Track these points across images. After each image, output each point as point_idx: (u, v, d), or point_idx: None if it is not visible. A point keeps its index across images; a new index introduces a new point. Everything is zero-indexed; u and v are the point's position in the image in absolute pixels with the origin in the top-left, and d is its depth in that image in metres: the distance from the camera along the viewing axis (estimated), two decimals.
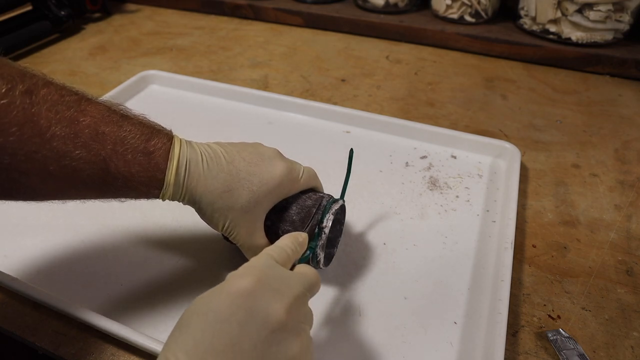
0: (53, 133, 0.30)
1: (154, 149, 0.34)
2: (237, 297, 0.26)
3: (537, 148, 0.62)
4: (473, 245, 0.47)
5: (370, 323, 0.40)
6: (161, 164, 0.34)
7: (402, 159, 0.59)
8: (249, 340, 0.25)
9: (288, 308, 0.27)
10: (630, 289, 0.44)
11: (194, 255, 0.46)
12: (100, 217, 0.50)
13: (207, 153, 0.36)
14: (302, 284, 0.30)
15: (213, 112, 0.68)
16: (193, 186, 0.35)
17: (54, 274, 0.44)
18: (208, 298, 0.27)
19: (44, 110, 0.30)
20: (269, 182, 0.37)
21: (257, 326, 0.26)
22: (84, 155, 0.31)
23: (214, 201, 0.36)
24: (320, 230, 0.38)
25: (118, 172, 0.32)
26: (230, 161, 0.37)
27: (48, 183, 0.31)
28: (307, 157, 0.47)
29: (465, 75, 0.79)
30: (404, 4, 0.93)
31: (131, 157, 0.33)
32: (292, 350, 0.26)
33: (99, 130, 0.32)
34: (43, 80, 0.31)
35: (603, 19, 0.75)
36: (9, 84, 0.28)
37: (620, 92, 0.74)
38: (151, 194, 0.35)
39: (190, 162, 0.35)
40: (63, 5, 0.91)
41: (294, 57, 0.86)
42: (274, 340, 0.26)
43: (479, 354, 0.38)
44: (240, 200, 0.36)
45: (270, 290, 0.27)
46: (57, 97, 0.31)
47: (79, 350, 0.38)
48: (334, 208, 0.40)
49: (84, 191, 0.33)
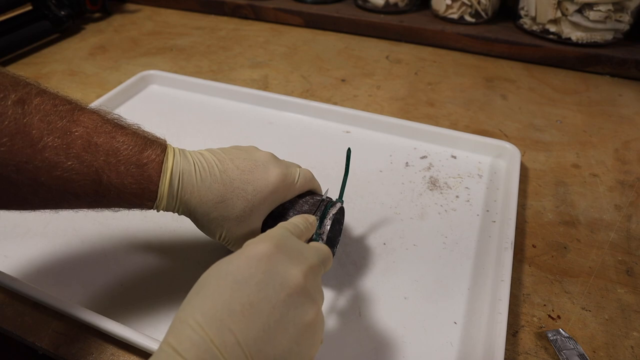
0: (45, 144, 0.29)
1: (147, 161, 0.34)
2: (256, 260, 0.27)
3: (537, 148, 0.62)
4: (473, 245, 0.47)
5: (370, 323, 0.40)
6: (154, 176, 0.34)
7: (402, 159, 0.59)
8: (267, 301, 0.25)
9: (305, 274, 0.27)
10: (630, 289, 0.44)
11: (194, 255, 0.46)
12: (100, 218, 0.50)
13: (200, 163, 0.36)
14: (318, 256, 0.30)
15: (213, 112, 0.68)
16: (187, 198, 0.35)
17: (54, 274, 0.44)
18: (226, 262, 0.27)
19: (36, 121, 0.29)
20: (264, 190, 0.37)
21: (275, 288, 0.26)
22: (76, 166, 0.31)
23: (208, 212, 0.36)
24: (318, 237, 0.38)
25: (111, 184, 0.32)
26: (224, 170, 0.36)
27: (39, 194, 0.31)
28: (307, 157, 0.47)
29: (465, 75, 0.79)
30: (404, 4, 0.93)
31: (124, 169, 0.32)
32: (309, 315, 0.27)
33: (92, 141, 0.31)
34: (36, 89, 0.31)
35: (603, 19, 0.75)
36: (1, 93, 0.28)
37: (620, 92, 0.74)
38: (144, 206, 0.35)
39: (183, 174, 0.35)
40: (63, 5, 0.91)
41: (294, 57, 0.86)
42: (292, 303, 0.26)
43: (479, 354, 0.38)
44: (235, 210, 0.36)
45: (289, 256, 0.28)
46: (50, 107, 0.30)
47: (79, 350, 0.38)
48: (332, 212, 0.39)
49: (76, 202, 0.33)
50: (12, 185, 0.30)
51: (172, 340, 0.24)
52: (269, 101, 0.68)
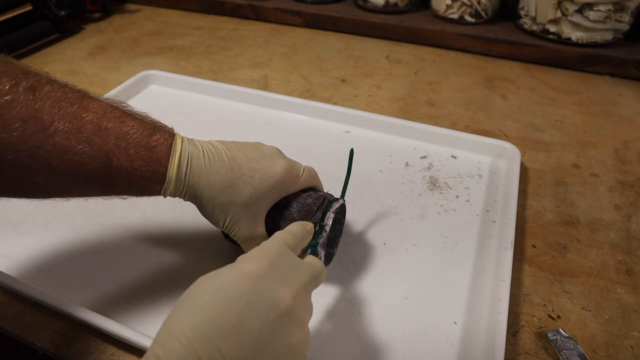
0: (56, 129, 0.30)
1: (156, 144, 0.34)
2: (248, 278, 0.27)
3: (537, 148, 0.62)
4: (473, 245, 0.47)
5: (370, 323, 0.40)
6: (163, 158, 0.34)
7: (402, 159, 0.59)
8: (256, 321, 0.25)
9: (295, 295, 0.28)
10: (630, 289, 0.44)
11: (194, 255, 0.46)
12: (100, 217, 0.50)
13: (209, 149, 0.37)
14: (310, 273, 0.30)
15: (213, 112, 0.68)
16: (195, 181, 0.35)
17: (54, 274, 0.44)
18: (218, 277, 0.27)
19: (47, 107, 0.30)
20: (270, 179, 0.37)
21: (265, 308, 0.26)
22: (87, 150, 0.31)
23: (215, 196, 0.36)
24: (321, 228, 0.39)
25: (121, 167, 0.33)
26: (232, 157, 0.37)
27: (51, 179, 0.31)
28: (307, 157, 0.47)
29: (465, 75, 0.79)
30: (404, 4, 0.93)
31: (133, 152, 0.33)
32: (294, 336, 0.27)
33: (102, 126, 0.32)
34: (46, 78, 0.31)
35: (603, 19, 0.75)
36: (13, 80, 0.29)
37: (620, 92, 0.74)
38: (153, 189, 0.35)
39: (192, 157, 0.35)
40: (63, 5, 0.91)
41: (294, 57, 0.86)
42: (280, 325, 0.26)
43: (479, 354, 0.38)
44: (241, 196, 0.36)
45: (280, 275, 0.28)
46: (60, 94, 0.31)
47: (79, 350, 0.38)
48: (335, 206, 0.40)
49: (87, 187, 0.33)
50: (25, 171, 0.30)
51: (158, 350, 0.24)
52: (269, 101, 0.68)
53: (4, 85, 0.28)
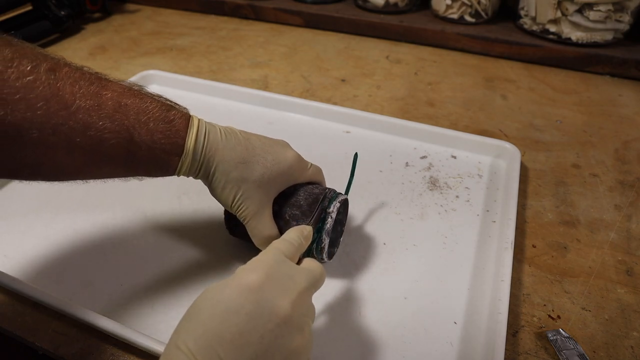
0: (78, 106, 0.31)
1: (174, 118, 0.36)
2: (246, 290, 0.27)
3: (537, 148, 0.62)
4: (473, 245, 0.47)
5: (370, 323, 0.40)
6: (182, 130, 0.36)
7: (402, 159, 0.59)
8: (256, 332, 0.26)
9: (293, 303, 0.28)
10: (630, 289, 0.44)
11: (194, 256, 0.46)
12: (100, 218, 0.50)
13: (224, 128, 0.38)
14: (308, 279, 0.31)
15: (213, 112, 0.68)
16: (211, 154, 0.37)
17: (54, 274, 0.44)
18: (219, 290, 0.28)
19: (68, 85, 0.31)
20: (282, 162, 0.39)
21: (264, 319, 0.27)
22: (108, 125, 0.32)
23: (229, 171, 0.37)
24: (327, 215, 0.39)
25: (141, 140, 0.34)
26: (247, 138, 0.39)
27: (74, 156, 0.32)
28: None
29: (465, 75, 0.79)
30: (404, 4, 0.93)
31: (153, 125, 0.34)
32: (295, 342, 0.28)
33: (122, 103, 0.33)
34: (63, 60, 0.33)
35: (603, 19, 0.75)
36: (34, 62, 0.30)
37: (620, 92, 0.74)
38: (172, 163, 0.36)
39: (209, 132, 0.37)
40: (63, 5, 0.91)
41: (294, 57, 0.86)
42: (279, 333, 0.27)
43: (479, 354, 0.38)
44: (254, 174, 0.38)
45: (278, 285, 0.28)
46: (78, 74, 0.32)
47: (79, 350, 0.38)
48: (341, 197, 0.41)
49: (108, 165, 0.34)
50: (49, 148, 0.31)
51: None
52: (269, 101, 0.68)
53: (25, 67, 0.29)
